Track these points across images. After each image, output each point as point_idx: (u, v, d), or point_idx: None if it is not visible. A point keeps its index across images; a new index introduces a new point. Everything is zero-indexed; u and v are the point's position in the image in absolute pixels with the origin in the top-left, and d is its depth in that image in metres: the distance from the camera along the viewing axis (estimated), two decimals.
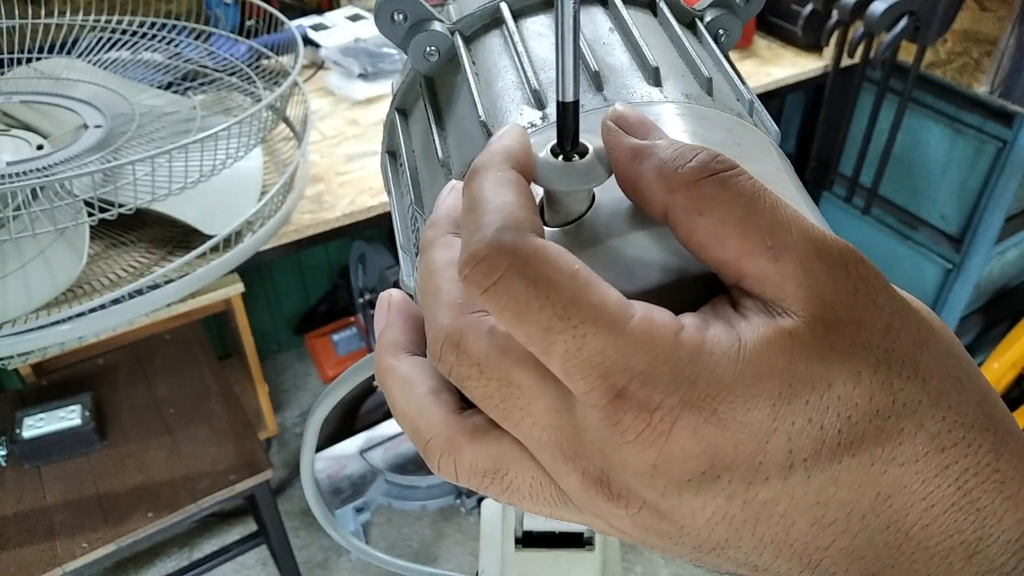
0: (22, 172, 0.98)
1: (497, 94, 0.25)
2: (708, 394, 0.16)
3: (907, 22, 1.45)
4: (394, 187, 0.31)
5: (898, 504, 0.17)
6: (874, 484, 0.17)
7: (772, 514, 0.17)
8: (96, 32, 1.25)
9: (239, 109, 1.22)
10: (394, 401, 0.21)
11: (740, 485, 0.17)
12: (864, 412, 0.17)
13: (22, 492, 1.20)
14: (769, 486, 0.17)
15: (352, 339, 2.11)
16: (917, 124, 1.68)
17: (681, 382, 0.17)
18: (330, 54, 1.55)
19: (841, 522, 0.17)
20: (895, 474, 0.17)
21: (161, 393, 1.38)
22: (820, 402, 0.17)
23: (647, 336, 0.17)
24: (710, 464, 0.17)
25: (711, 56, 0.27)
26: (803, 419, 0.17)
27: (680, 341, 0.17)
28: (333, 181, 1.27)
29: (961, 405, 0.18)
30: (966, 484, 0.18)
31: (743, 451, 0.17)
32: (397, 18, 0.27)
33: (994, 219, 1.64)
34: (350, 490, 1.66)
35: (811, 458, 0.17)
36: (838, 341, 0.17)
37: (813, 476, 0.17)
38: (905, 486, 0.17)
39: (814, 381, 0.17)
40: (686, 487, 0.17)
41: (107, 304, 0.95)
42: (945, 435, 0.17)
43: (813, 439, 0.17)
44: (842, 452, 0.17)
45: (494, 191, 0.18)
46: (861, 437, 0.17)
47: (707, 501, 0.17)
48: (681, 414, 0.17)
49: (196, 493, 1.22)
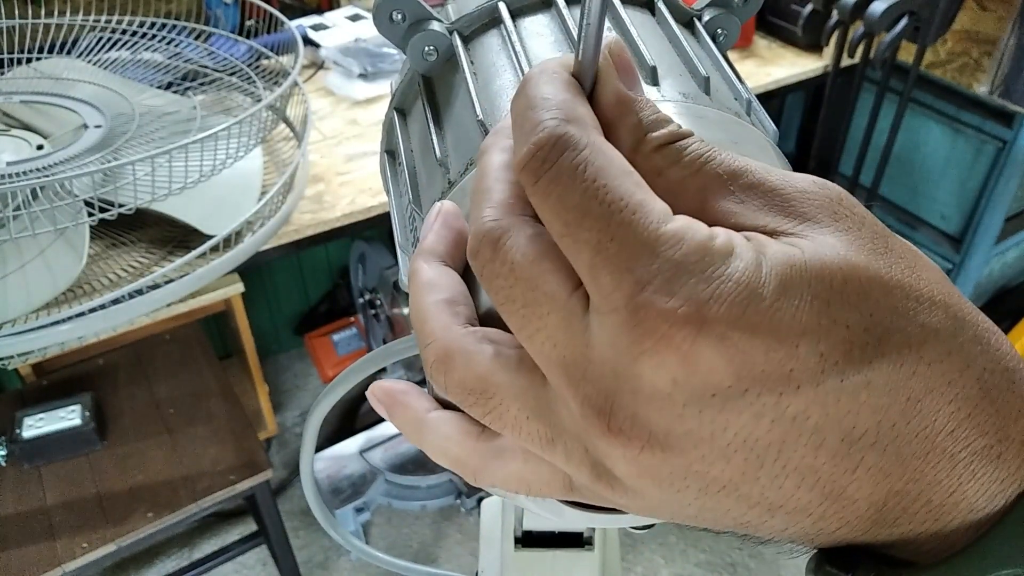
0: (22, 172, 0.98)
1: (495, 93, 0.25)
2: (736, 300, 0.16)
3: (907, 22, 1.45)
4: (392, 187, 0.31)
5: (927, 407, 0.17)
6: (905, 387, 0.16)
7: (802, 431, 0.16)
8: (96, 32, 1.25)
9: (239, 109, 1.22)
10: (412, 301, 0.21)
11: (770, 398, 0.16)
12: (886, 310, 0.16)
13: (22, 492, 1.20)
14: (801, 395, 0.16)
15: (352, 339, 2.11)
16: (917, 124, 1.69)
17: (709, 286, 0.16)
18: (330, 54, 1.55)
19: (871, 434, 0.16)
20: (924, 374, 0.17)
21: (161, 393, 1.38)
22: (842, 301, 0.16)
23: (678, 240, 0.16)
24: (737, 376, 0.16)
25: (709, 55, 0.27)
26: (828, 320, 0.16)
27: (711, 248, 0.16)
28: (333, 181, 1.27)
29: (961, 307, 0.18)
30: (987, 382, 0.17)
31: (773, 358, 0.16)
32: (396, 18, 0.27)
33: (994, 219, 1.64)
34: (350, 490, 1.66)
35: (843, 360, 0.16)
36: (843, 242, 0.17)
37: (846, 380, 0.16)
38: (933, 388, 0.17)
39: (831, 280, 0.16)
40: (708, 404, 0.16)
41: (107, 304, 0.95)
42: (960, 334, 0.17)
43: (843, 340, 0.16)
44: (871, 352, 0.16)
45: (553, 90, 0.18)
46: (887, 336, 0.16)
47: (730, 421, 0.16)
48: (708, 320, 0.15)
49: (196, 493, 1.22)
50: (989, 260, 1.73)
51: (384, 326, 1.86)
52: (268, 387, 1.71)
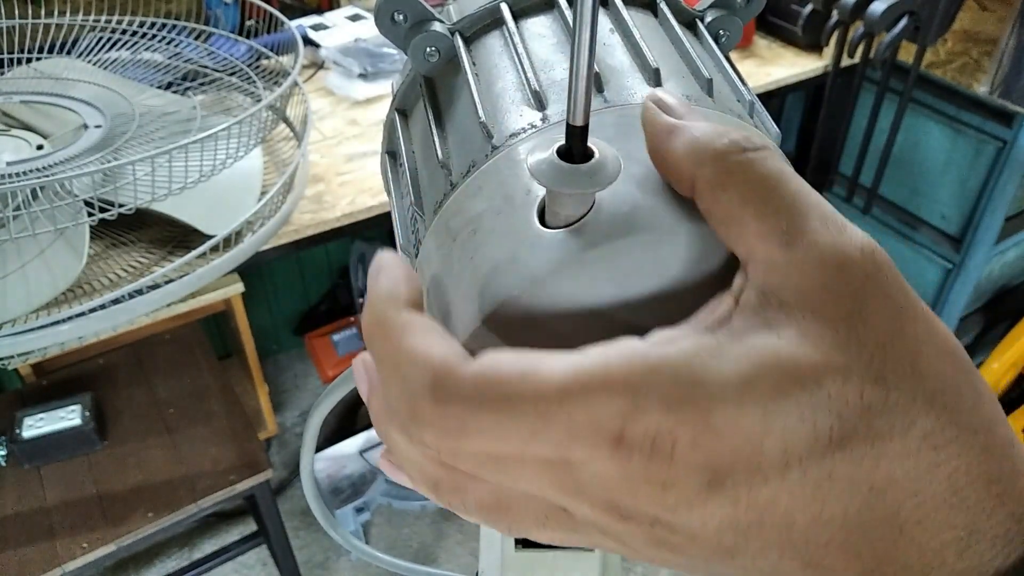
0: (22, 172, 0.98)
1: (497, 95, 0.25)
2: (699, 408, 0.17)
3: (907, 22, 1.45)
4: (394, 188, 0.31)
5: (891, 498, 0.18)
6: (867, 479, 0.17)
7: (774, 513, 0.18)
8: (96, 32, 1.25)
9: (239, 109, 1.22)
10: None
11: (743, 488, 0.17)
12: (855, 408, 0.17)
13: (22, 492, 1.20)
14: (769, 485, 0.17)
15: (352, 339, 2.11)
16: (917, 124, 1.68)
17: (671, 402, 0.17)
18: (330, 54, 1.55)
19: (838, 517, 0.18)
20: (887, 469, 0.17)
21: (161, 393, 1.38)
22: (810, 400, 0.17)
23: (625, 374, 0.17)
24: (713, 472, 0.17)
25: (711, 57, 0.27)
26: (794, 418, 0.17)
27: (654, 367, 0.17)
28: (333, 181, 1.27)
29: (956, 405, 0.18)
30: (957, 482, 0.18)
31: (741, 455, 0.17)
32: (397, 18, 0.27)
33: (994, 219, 1.64)
34: (350, 490, 1.66)
35: (805, 455, 0.17)
36: (830, 336, 0.17)
37: (809, 472, 0.17)
38: (897, 481, 0.17)
39: (803, 380, 0.17)
40: (696, 499, 0.17)
41: (107, 304, 0.95)
42: (938, 434, 0.18)
43: (806, 436, 0.17)
44: (834, 448, 0.17)
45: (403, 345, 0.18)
46: (852, 433, 0.17)
47: (715, 509, 0.18)
48: (679, 431, 0.17)
49: (196, 493, 1.22)
50: (989, 260, 1.73)
51: None
52: (268, 387, 1.71)
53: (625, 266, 0.19)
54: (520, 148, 0.23)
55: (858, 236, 0.18)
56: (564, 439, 0.17)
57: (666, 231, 0.20)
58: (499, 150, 0.23)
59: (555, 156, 0.20)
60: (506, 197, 0.22)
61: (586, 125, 0.19)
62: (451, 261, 0.22)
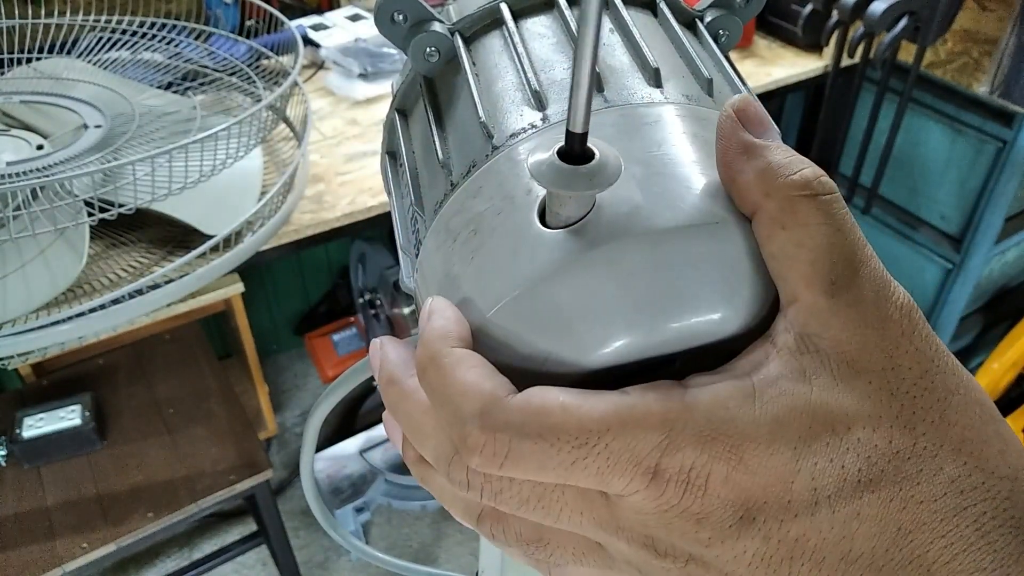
0: (22, 172, 0.98)
1: (497, 95, 0.25)
2: (731, 445, 0.18)
3: (907, 22, 1.45)
4: (394, 188, 0.31)
5: (918, 540, 0.18)
6: (894, 520, 0.18)
7: (804, 550, 0.18)
8: (96, 32, 1.25)
9: (239, 109, 1.22)
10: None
11: (774, 524, 0.18)
12: (883, 453, 0.18)
13: (22, 492, 1.20)
14: (799, 523, 0.18)
15: (352, 339, 2.11)
16: (917, 124, 1.68)
17: (704, 440, 0.18)
18: (330, 54, 1.55)
19: (867, 556, 0.18)
20: (914, 511, 0.18)
21: (161, 393, 1.38)
22: (840, 444, 0.18)
23: (662, 414, 0.18)
24: (745, 508, 0.18)
25: (711, 57, 0.27)
26: (824, 459, 0.18)
27: (690, 405, 0.18)
28: (333, 181, 1.27)
29: (983, 452, 0.19)
30: (984, 526, 0.18)
31: (772, 492, 0.18)
32: (397, 19, 0.27)
33: (994, 219, 1.64)
34: (350, 490, 1.66)
35: (834, 495, 0.18)
36: (862, 386, 0.18)
37: (837, 511, 0.18)
38: (924, 523, 0.18)
39: (833, 424, 0.18)
40: (728, 533, 0.18)
41: (107, 304, 0.95)
42: (965, 479, 0.18)
43: (835, 477, 0.18)
44: (863, 489, 0.18)
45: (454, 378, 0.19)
46: (880, 476, 0.18)
47: (747, 544, 0.18)
48: (712, 467, 0.18)
49: (196, 493, 1.22)
50: (989, 260, 1.73)
51: (384, 326, 1.86)
52: (268, 387, 1.71)
53: (625, 267, 0.19)
54: (520, 148, 0.23)
55: (900, 295, 0.19)
56: (602, 469, 0.18)
57: (667, 232, 0.20)
58: (499, 150, 0.23)
59: (555, 157, 0.20)
60: (507, 197, 0.22)
61: (586, 132, 0.19)
62: (451, 261, 0.22)
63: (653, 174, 0.21)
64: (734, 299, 0.20)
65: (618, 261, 0.19)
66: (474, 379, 0.19)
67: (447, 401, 0.19)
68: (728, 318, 0.20)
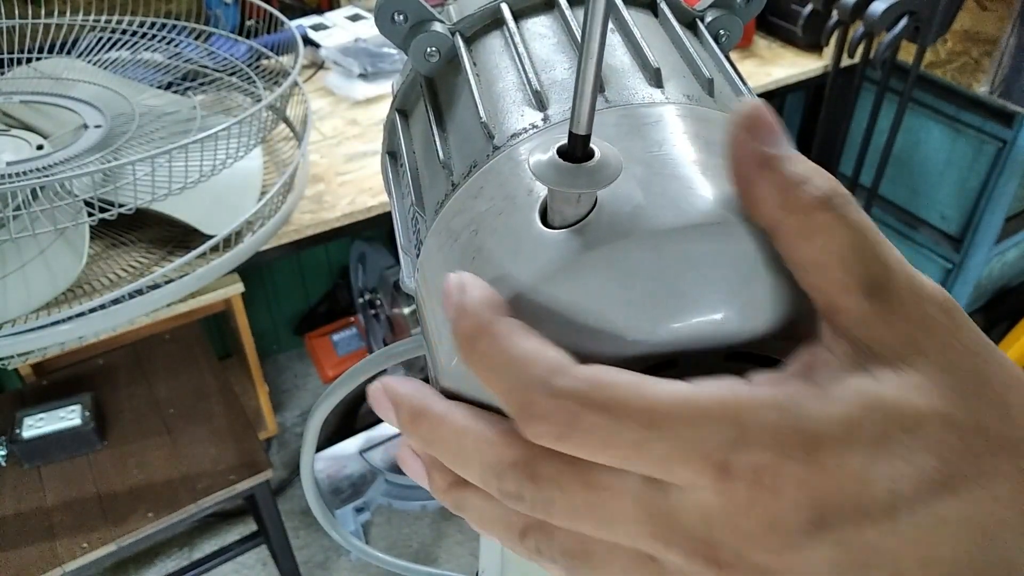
0: (22, 172, 0.98)
1: (498, 95, 0.25)
2: (805, 445, 0.17)
3: (907, 22, 1.45)
4: (395, 188, 0.31)
5: (1003, 539, 0.17)
6: (978, 521, 0.17)
7: (882, 556, 0.17)
8: (96, 32, 1.25)
9: (239, 109, 1.22)
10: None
11: (849, 529, 0.17)
12: (958, 452, 0.17)
13: (22, 492, 1.20)
14: (876, 527, 0.17)
15: (352, 339, 2.11)
16: (917, 124, 1.69)
17: (777, 438, 0.17)
18: (330, 54, 1.55)
19: (948, 560, 0.17)
20: (997, 511, 0.17)
21: (161, 393, 1.38)
22: (914, 443, 0.17)
23: (733, 407, 0.17)
24: (820, 513, 0.17)
25: (712, 57, 0.27)
26: (900, 460, 0.17)
27: (762, 403, 0.17)
28: (333, 181, 1.27)
29: None
30: None
31: (848, 495, 0.17)
32: (397, 19, 0.26)
33: (994, 219, 1.64)
34: (350, 490, 1.66)
35: (913, 497, 0.17)
36: (927, 386, 0.18)
37: (917, 514, 0.17)
38: (1008, 523, 0.17)
39: (905, 424, 0.17)
40: (801, 539, 0.17)
41: (107, 304, 0.95)
42: None
43: (912, 479, 0.17)
44: (940, 489, 0.17)
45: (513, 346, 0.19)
46: (959, 474, 0.17)
47: (821, 550, 0.17)
48: (785, 467, 0.17)
49: (196, 493, 1.22)
50: (989, 260, 1.73)
51: (384, 326, 1.86)
52: (268, 387, 1.71)
53: (627, 267, 0.19)
54: (521, 148, 0.23)
55: (934, 289, 0.19)
56: (669, 455, 0.17)
57: (668, 232, 0.20)
58: (500, 150, 0.23)
59: (556, 156, 0.20)
60: (508, 197, 0.22)
61: (589, 134, 0.19)
62: (452, 262, 0.22)
63: (654, 174, 0.21)
64: (735, 299, 0.20)
65: (619, 261, 0.19)
66: (535, 346, 0.18)
67: (507, 369, 0.18)
68: (730, 318, 0.20)
